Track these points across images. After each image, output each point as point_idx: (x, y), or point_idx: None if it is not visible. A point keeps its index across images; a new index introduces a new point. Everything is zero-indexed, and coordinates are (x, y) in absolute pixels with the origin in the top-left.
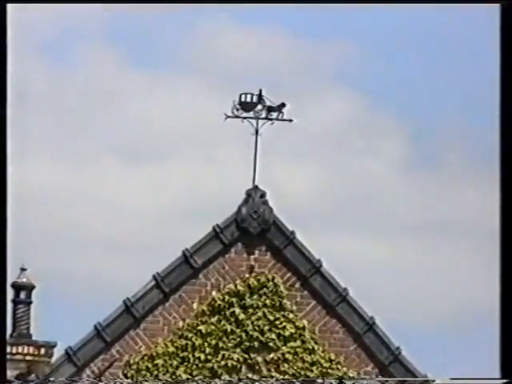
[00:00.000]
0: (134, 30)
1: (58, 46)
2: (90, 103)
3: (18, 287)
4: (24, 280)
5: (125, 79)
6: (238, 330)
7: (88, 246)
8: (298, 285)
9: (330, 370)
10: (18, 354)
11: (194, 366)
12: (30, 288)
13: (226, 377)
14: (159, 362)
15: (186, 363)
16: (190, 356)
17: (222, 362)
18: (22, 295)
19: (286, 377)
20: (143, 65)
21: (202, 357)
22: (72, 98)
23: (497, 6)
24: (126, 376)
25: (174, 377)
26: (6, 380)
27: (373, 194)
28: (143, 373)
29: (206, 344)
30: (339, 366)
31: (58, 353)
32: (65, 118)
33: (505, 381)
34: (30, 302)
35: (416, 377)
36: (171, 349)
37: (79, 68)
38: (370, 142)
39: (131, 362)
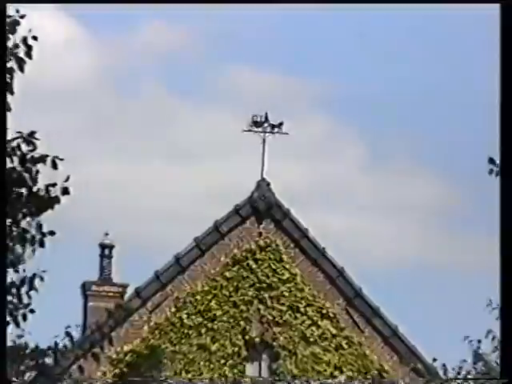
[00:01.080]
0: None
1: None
2: (148, 122)
3: (103, 246)
4: (107, 241)
5: (170, 105)
6: (252, 276)
7: (150, 219)
8: (292, 245)
9: (314, 303)
10: (103, 291)
11: (222, 300)
12: (111, 247)
13: (243, 308)
14: (198, 297)
15: (216, 298)
16: (219, 293)
17: (241, 297)
18: (106, 251)
19: (284, 308)
20: (183, 95)
21: (227, 293)
22: (135, 117)
23: (497, 6)
24: (175, 306)
25: (207, 307)
26: (5, 380)
27: (342, 185)
28: (187, 305)
29: (229, 285)
30: (320, 300)
31: (129, 291)
32: (132, 133)
33: (505, 381)
34: (111, 257)
35: (371, 307)
36: (206, 288)
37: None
38: (338, 148)
39: (179, 296)
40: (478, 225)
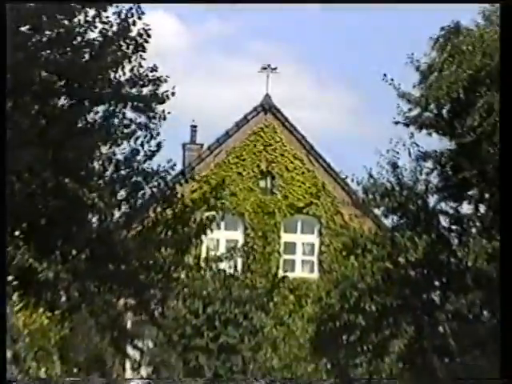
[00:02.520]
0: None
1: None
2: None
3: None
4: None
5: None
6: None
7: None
8: (281, 127)
9: (295, 159)
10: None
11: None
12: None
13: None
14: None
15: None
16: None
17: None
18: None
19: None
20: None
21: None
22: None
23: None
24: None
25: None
26: (6, 380)
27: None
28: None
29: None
30: (298, 154)
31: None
32: None
33: (505, 381)
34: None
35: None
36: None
37: None
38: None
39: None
40: None
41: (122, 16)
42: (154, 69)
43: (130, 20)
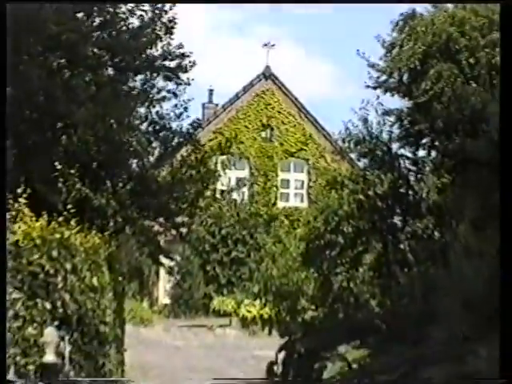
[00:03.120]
0: None
1: None
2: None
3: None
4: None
5: None
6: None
7: None
8: (278, 90)
9: (289, 115)
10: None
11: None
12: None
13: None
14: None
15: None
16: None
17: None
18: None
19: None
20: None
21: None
22: None
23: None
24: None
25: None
26: (6, 379)
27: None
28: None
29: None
30: (292, 111)
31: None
32: None
33: (505, 381)
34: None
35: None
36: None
37: None
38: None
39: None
40: None
41: (156, 6)
42: (180, 46)
43: (162, 10)
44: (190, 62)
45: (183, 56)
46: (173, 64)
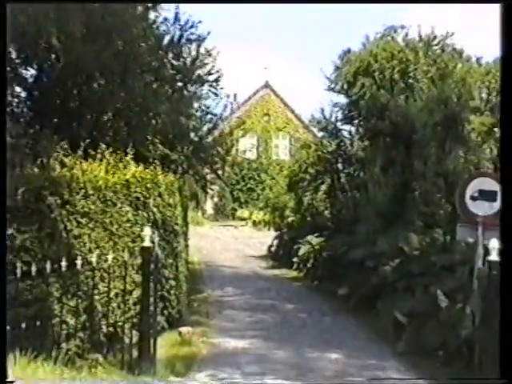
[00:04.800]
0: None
1: None
2: None
3: None
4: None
5: None
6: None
7: None
8: (277, 97)
9: (281, 113)
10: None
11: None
12: None
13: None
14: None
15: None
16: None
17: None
18: None
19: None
20: None
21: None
22: None
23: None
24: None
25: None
26: (6, 379)
27: None
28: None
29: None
30: (284, 110)
31: None
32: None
33: (505, 381)
34: None
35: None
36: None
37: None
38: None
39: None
40: None
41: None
42: (218, 70)
43: (203, 39)
44: (220, 76)
45: (218, 74)
46: (211, 78)
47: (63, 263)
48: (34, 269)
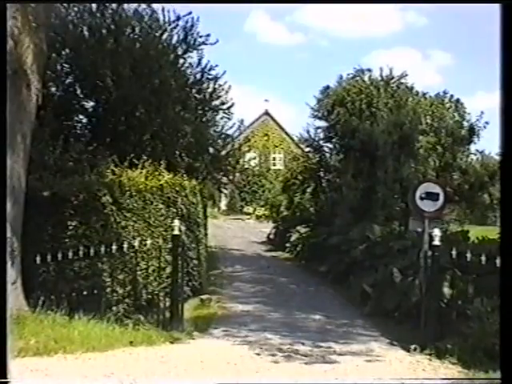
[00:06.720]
0: None
1: None
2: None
3: None
4: None
5: None
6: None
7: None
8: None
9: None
10: None
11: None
12: None
13: None
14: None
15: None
16: None
17: None
18: None
19: None
20: None
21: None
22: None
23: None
24: None
25: None
26: (6, 378)
27: None
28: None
29: None
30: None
31: None
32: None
33: (505, 381)
34: None
35: None
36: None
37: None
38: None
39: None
40: None
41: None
42: (230, 100)
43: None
44: (231, 106)
45: (230, 103)
46: (225, 106)
47: (113, 247)
48: (92, 251)
